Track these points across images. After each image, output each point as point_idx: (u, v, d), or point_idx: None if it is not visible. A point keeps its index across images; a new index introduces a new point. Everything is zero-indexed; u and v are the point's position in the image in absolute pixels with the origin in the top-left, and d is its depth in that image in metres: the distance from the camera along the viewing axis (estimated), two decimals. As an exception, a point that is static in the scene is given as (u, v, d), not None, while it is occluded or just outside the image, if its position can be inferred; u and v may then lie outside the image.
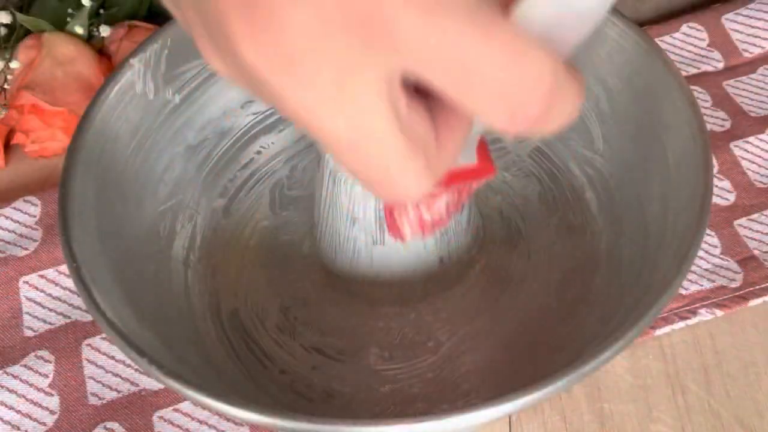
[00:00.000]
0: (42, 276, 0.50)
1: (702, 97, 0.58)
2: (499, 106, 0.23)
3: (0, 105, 0.57)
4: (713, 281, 0.48)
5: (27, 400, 0.45)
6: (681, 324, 0.46)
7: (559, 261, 0.47)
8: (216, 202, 0.51)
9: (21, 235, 0.52)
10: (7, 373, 0.46)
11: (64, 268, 0.50)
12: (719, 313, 0.47)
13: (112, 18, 0.62)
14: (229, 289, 0.48)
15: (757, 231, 0.50)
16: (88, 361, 0.47)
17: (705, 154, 0.39)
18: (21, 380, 0.46)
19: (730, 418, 0.43)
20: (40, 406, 0.45)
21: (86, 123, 0.43)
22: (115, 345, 0.35)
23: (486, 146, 0.37)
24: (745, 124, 0.56)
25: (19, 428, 0.44)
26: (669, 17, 0.64)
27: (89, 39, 0.61)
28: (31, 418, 0.45)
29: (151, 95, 0.47)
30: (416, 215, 0.37)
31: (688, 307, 0.47)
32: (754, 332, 0.47)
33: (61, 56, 0.58)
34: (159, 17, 0.64)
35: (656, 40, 0.56)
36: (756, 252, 0.49)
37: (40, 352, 0.47)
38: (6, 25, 0.60)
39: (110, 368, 0.46)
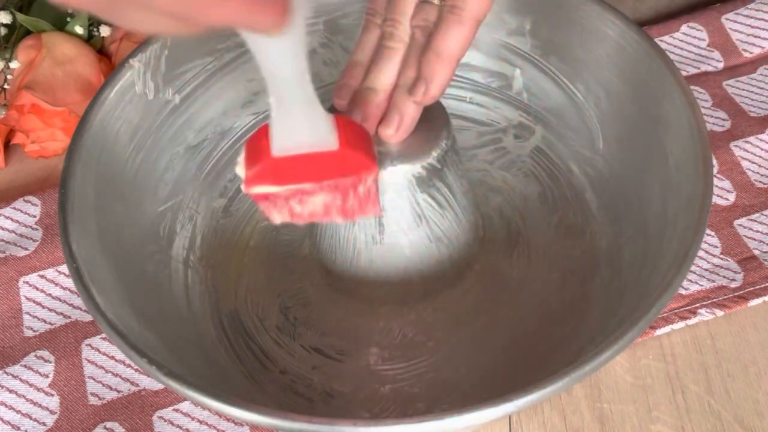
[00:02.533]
0: (42, 276, 0.50)
1: (702, 97, 0.58)
2: None
3: (0, 105, 0.57)
4: (713, 281, 0.48)
5: (27, 400, 0.45)
6: (681, 324, 0.46)
7: (559, 261, 0.47)
8: (216, 202, 0.51)
9: (21, 235, 0.52)
10: (7, 373, 0.46)
11: (64, 268, 0.50)
12: (719, 313, 0.47)
13: (112, 18, 0.62)
14: (229, 289, 0.48)
15: (757, 231, 0.50)
16: (88, 361, 0.47)
17: (705, 154, 0.39)
18: (21, 380, 0.46)
19: (730, 418, 0.43)
20: (40, 406, 0.45)
21: (86, 123, 0.43)
22: (115, 345, 0.35)
23: (370, 141, 0.38)
24: (745, 124, 0.56)
25: (19, 428, 0.44)
26: (669, 17, 0.64)
27: (89, 39, 0.61)
28: (31, 418, 0.45)
29: (151, 95, 0.47)
30: (287, 207, 0.36)
31: (688, 307, 0.47)
32: (754, 332, 0.47)
33: (61, 56, 0.58)
34: (159, 17, 0.64)
35: (656, 40, 0.56)
36: (756, 252, 0.49)
37: (40, 352, 0.47)
38: (6, 25, 0.60)
39: (110, 368, 0.46)
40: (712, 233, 0.50)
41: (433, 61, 0.38)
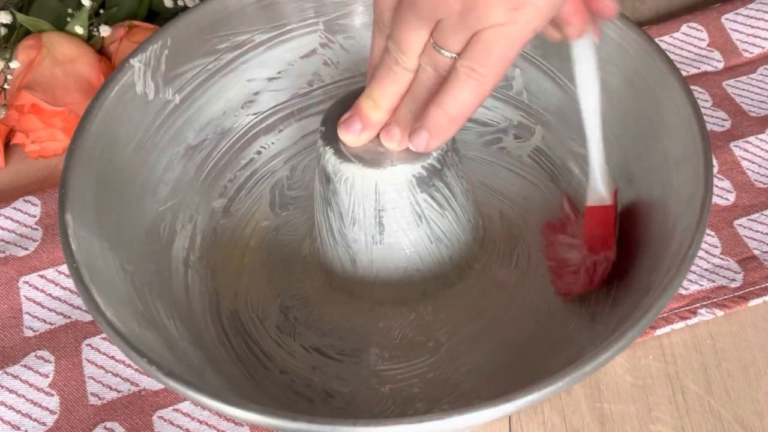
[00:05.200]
0: (42, 276, 0.50)
1: (702, 97, 0.58)
2: None
3: (0, 105, 0.57)
4: (713, 281, 0.48)
5: (27, 400, 0.45)
6: (681, 324, 0.46)
7: (559, 261, 0.47)
8: (216, 202, 0.51)
9: (21, 235, 0.52)
10: (7, 373, 0.46)
11: (64, 268, 0.50)
12: (719, 313, 0.47)
13: (112, 18, 0.62)
14: (229, 289, 0.48)
15: (757, 231, 0.50)
16: (88, 361, 0.47)
17: (705, 154, 0.39)
18: (21, 380, 0.46)
19: (730, 418, 0.43)
20: (40, 406, 0.45)
21: (86, 123, 0.43)
22: (115, 345, 0.35)
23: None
24: (745, 124, 0.56)
25: (19, 428, 0.44)
26: (669, 17, 0.64)
27: (89, 39, 0.61)
28: (31, 418, 0.45)
29: (151, 95, 0.47)
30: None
31: (688, 307, 0.47)
32: (754, 332, 0.47)
33: (61, 56, 0.58)
34: (159, 17, 0.64)
35: (656, 40, 0.56)
36: (756, 252, 0.49)
37: (40, 352, 0.47)
38: (6, 25, 0.60)
39: (110, 368, 0.46)
40: (712, 233, 0.50)
41: (439, 117, 0.37)
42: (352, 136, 0.40)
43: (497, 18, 0.34)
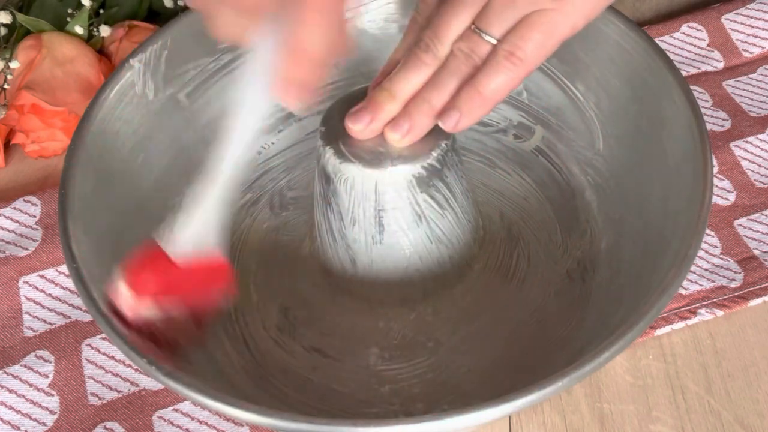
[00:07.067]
0: (42, 276, 0.50)
1: (702, 97, 0.58)
2: None
3: (0, 105, 0.57)
4: (713, 281, 0.48)
5: (27, 400, 0.45)
6: (681, 324, 0.46)
7: (559, 261, 0.47)
8: (216, 202, 0.51)
9: (21, 235, 0.52)
10: (7, 373, 0.46)
11: (64, 268, 0.50)
12: (719, 313, 0.47)
13: (112, 18, 0.62)
14: (229, 289, 0.48)
15: (757, 231, 0.50)
16: (88, 361, 0.47)
17: (705, 154, 0.39)
18: (21, 380, 0.46)
19: (730, 418, 0.43)
20: (40, 406, 0.45)
21: (86, 123, 0.43)
22: (115, 345, 0.35)
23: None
24: (745, 124, 0.56)
25: (19, 428, 0.44)
26: (669, 17, 0.64)
27: (89, 39, 0.61)
28: (31, 418, 0.45)
29: (151, 95, 0.47)
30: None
31: (688, 307, 0.47)
32: (754, 332, 0.47)
33: (61, 56, 0.58)
34: (159, 17, 0.64)
35: (656, 40, 0.56)
36: (756, 252, 0.49)
37: (40, 352, 0.47)
38: (6, 25, 0.60)
39: (110, 368, 0.46)
40: (712, 233, 0.50)
41: (474, 97, 0.37)
42: (360, 125, 0.40)
43: (545, 3, 0.36)
